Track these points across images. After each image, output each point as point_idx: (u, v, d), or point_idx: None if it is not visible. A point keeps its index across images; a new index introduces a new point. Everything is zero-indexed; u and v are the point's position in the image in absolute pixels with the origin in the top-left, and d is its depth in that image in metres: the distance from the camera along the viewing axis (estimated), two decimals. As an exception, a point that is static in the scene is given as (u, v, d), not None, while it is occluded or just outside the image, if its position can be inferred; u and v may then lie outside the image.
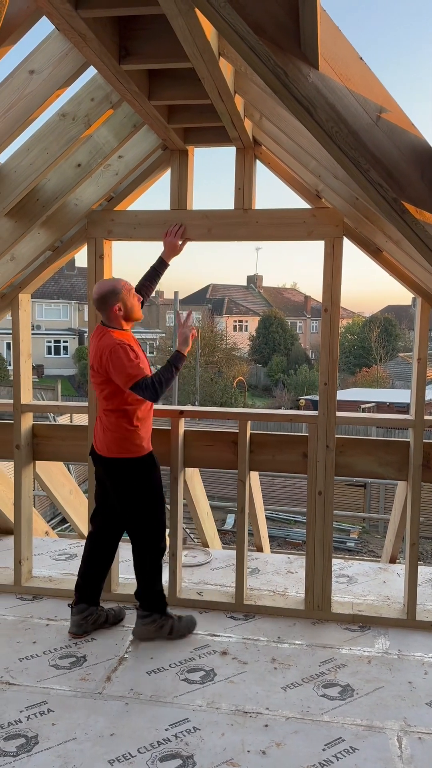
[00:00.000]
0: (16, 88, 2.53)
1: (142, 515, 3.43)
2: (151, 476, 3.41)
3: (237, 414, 3.90)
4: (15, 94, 2.53)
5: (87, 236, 3.73)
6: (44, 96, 2.51)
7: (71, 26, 2.12)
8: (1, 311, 3.93)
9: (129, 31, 2.43)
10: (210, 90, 2.69)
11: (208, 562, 4.60)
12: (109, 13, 2.06)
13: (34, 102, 2.52)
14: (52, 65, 2.50)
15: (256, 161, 3.68)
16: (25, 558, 4.07)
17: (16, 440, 3.97)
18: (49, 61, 2.50)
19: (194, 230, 3.65)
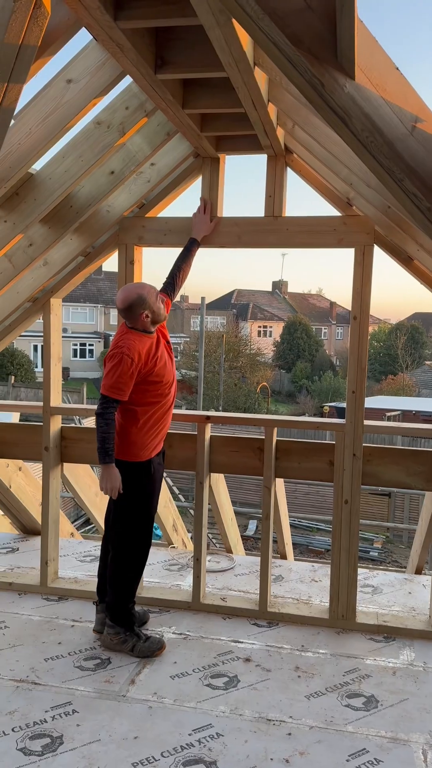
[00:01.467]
0: (54, 97, 2.57)
1: (124, 522, 3.36)
2: (141, 485, 3.30)
3: (263, 420, 3.90)
4: (52, 103, 2.58)
5: (118, 242, 3.78)
6: (81, 105, 2.56)
7: (110, 37, 2.16)
8: (32, 315, 3.99)
9: (165, 40, 2.47)
10: (244, 99, 2.71)
11: (232, 568, 4.61)
12: (147, 24, 2.09)
13: (70, 111, 2.57)
14: (89, 74, 2.54)
15: (287, 169, 3.69)
16: (52, 559, 4.12)
17: (45, 442, 4.02)
18: (86, 70, 2.54)
19: (224, 237, 3.67)
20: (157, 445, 3.39)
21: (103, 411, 3.12)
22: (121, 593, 3.40)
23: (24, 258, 3.46)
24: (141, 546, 3.42)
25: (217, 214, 3.70)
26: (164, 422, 3.40)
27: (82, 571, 4.47)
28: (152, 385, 3.23)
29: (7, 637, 3.56)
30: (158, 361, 3.25)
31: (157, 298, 3.24)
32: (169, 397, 3.37)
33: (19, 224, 3.10)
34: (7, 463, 4.53)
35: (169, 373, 3.34)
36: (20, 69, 1.98)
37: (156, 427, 3.33)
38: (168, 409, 3.39)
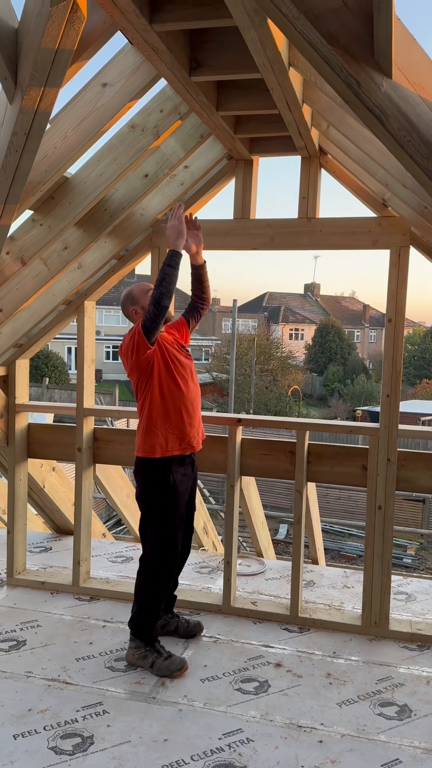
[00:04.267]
0: (89, 101, 2.60)
1: (144, 525, 3.28)
2: (157, 488, 3.20)
3: (295, 423, 3.87)
4: (88, 107, 2.60)
5: (151, 245, 3.79)
6: (116, 108, 2.57)
7: (145, 40, 2.17)
8: (67, 318, 4.03)
9: (199, 43, 2.47)
10: (278, 100, 2.70)
11: (263, 572, 4.58)
12: (182, 27, 2.09)
13: (105, 114, 2.58)
14: (124, 78, 2.55)
15: (321, 170, 3.66)
16: (84, 559, 4.15)
17: (78, 443, 4.05)
18: (121, 74, 2.55)
19: (257, 239, 3.66)
20: (172, 444, 3.19)
21: (151, 307, 3.00)
22: (143, 608, 3.28)
23: (59, 261, 3.49)
24: (162, 561, 3.26)
25: (250, 216, 3.69)
26: (180, 420, 3.19)
27: (114, 571, 4.49)
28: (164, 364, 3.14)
29: (39, 636, 3.59)
30: (164, 344, 3.18)
31: (148, 296, 3.17)
32: (183, 394, 3.20)
33: (55, 227, 3.13)
34: (41, 464, 4.58)
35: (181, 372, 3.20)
36: (56, 73, 2.00)
37: (169, 423, 3.17)
38: (183, 407, 3.20)
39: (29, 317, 3.89)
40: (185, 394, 3.23)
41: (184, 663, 3.26)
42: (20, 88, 2.04)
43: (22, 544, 4.31)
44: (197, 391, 3.36)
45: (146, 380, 3.15)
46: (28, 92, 2.02)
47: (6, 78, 2.02)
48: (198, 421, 3.33)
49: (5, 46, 1.99)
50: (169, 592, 3.52)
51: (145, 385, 3.17)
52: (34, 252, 3.18)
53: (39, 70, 1.97)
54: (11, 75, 2.05)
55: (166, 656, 3.26)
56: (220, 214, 3.75)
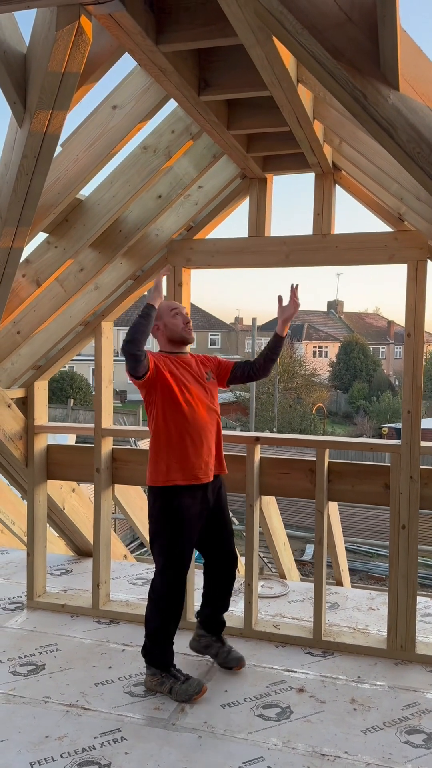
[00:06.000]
0: (99, 124, 2.62)
1: (152, 549, 3.25)
2: (160, 515, 3.14)
3: (315, 441, 3.81)
4: (98, 129, 2.62)
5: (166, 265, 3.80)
6: (126, 130, 2.59)
7: (152, 61, 2.18)
8: (84, 339, 4.04)
9: (207, 62, 2.48)
10: (289, 117, 2.70)
11: (285, 594, 4.50)
12: (188, 47, 2.10)
13: (116, 136, 2.60)
14: (134, 99, 2.57)
15: (336, 186, 3.64)
16: (103, 581, 4.11)
17: (96, 464, 4.04)
18: (131, 95, 2.58)
19: (271, 257, 3.64)
20: (175, 474, 3.10)
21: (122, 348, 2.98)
22: (154, 634, 3.22)
23: (75, 283, 3.52)
24: (169, 586, 3.19)
25: (264, 234, 3.68)
26: (183, 449, 3.11)
27: (134, 594, 4.45)
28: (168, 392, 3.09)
29: (58, 660, 3.56)
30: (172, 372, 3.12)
31: (172, 314, 3.18)
32: (188, 423, 3.12)
33: (69, 250, 3.15)
34: (61, 485, 4.58)
35: (189, 391, 3.14)
36: (64, 96, 2.02)
37: (171, 450, 3.10)
38: (188, 435, 3.12)
39: (47, 339, 3.91)
40: (190, 423, 3.12)
41: (202, 686, 3.19)
42: (29, 112, 2.06)
43: (42, 566, 4.29)
44: (210, 420, 3.20)
45: (151, 402, 3.14)
46: (37, 115, 2.04)
47: (15, 102, 2.05)
48: (207, 452, 3.17)
49: (14, 71, 2.01)
50: (217, 615, 3.48)
51: (150, 408, 3.16)
52: (50, 274, 3.21)
53: (46, 94, 1.99)
54: (20, 99, 2.07)
55: (183, 680, 3.19)
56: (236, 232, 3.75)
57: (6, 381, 4.02)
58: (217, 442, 3.31)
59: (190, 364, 3.26)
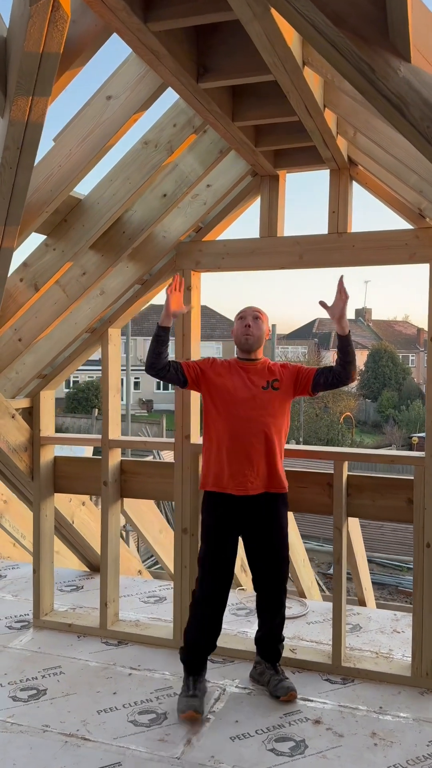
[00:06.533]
0: (93, 116, 2.46)
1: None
2: (203, 515, 3.25)
3: (331, 453, 3.59)
4: (92, 122, 2.46)
5: (175, 268, 3.63)
6: (121, 121, 2.43)
7: (142, 43, 2.01)
8: (91, 346, 3.89)
9: (206, 47, 2.31)
10: (296, 105, 2.51)
11: (304, 615, 4.26)
12: (179, 24, 1.93)
13: (110, 128, 2.44)
14: (129, 89, 2.41)
15: (353, 182, 3.43)
16: (111, 600, 3.93)
17: (103, 476, 3.87)
18: (126, 85, 2.42)
19: (284, 257, 3.45)
20: (212, 480, 3.14)
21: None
22: (185, 635, 3.26)
23: (78, 287, 3.37)
24: (199, 593, 3.20)
25: (277, 234, 3.49)
26: (218, 458, 3.12)
27: (145, 613, 4.25)
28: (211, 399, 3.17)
29: (61, 684, 3.38)
30: (221, 378, 3.16)
31: (238, 318, 3.21)
32: (225, 433, 3.12)
33: (68, 252, 3.00)
34: (70, 498, 4.42)
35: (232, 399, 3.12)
36: (44, 80, 1.86)
37: (209, 456, 3.17)
38: (224, 445, 3.10)
39: (52, 346, 3.77)
40: (227, 431, 3.11)
41: (187, 711, 3.01)
42: (9, 100, 1.90)
43: (49, 583, 4.12)
44: (254, 431, 3.10)
45: (204, 404, 3.22)
46: (16, 102, 1.89)
47: (-6, 90, 1.89)
48: (245, 464, 3.09)
49: (-8, 56, 1.86)
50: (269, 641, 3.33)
51: (204, 409, 3.23)
52: (48, 278, 3.06)
53: (25, 78, 1.83)
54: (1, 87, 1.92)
55: (186, 693, 3.12)
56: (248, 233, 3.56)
57: (11, 390, 3.89)
58: (268, 455, 3.13)
59: (249, 372, 3.17)
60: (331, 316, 3.06)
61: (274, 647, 3.33)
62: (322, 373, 3.15)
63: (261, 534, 3.23)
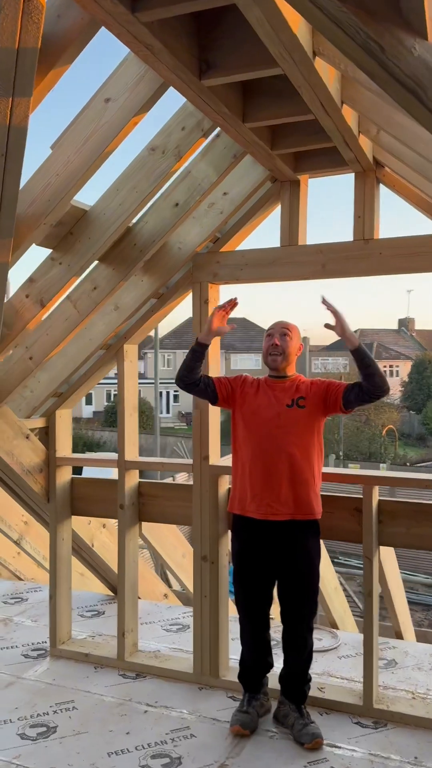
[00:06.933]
0: (91, 120, 2.31)
1: None
2: (231, 536, 3.17)
3: (359, 477, 3.33)
4: (90, 127, 2.31)
5: (192, 281, 3.45)
6: (121, 124, 2.27)
7: (134, 36, 1.85)
8: (108, 363, 3.73)
9: (209, 41, 2.13)
10: (310, 101, 2.30)
11: (335, 648, 3.98)
12: (171, 12, 1.75)
13: (109, 133, 2.29)
14: (128, 90, 2.25)
15: (380, 185, 3.20)
16: (129, 630, 3.74)
17: (120, 499, 3.70)
18: (125, 86, 2.26)
19: (306, 267, 3.23)
20: (239, 503, 3.04)
21: None
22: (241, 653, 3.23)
23: (89, 302, 3.22)
24: (241, 620, 3.16)
25: (298, 242, 3.28)
26: (243, 479, 3.01)
27: (166, 642, 4.05)
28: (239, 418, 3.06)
29: (72, 721, 3.19)
30: (248, 397, 3.05)
31: (266, 335, 3.08)
32: (247, 449, 3.00)
33: (74, 266, 2.85)
34: (89, 520, 4.26)
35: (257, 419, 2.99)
36: (23, 78, 1.70)
37: (236, 476, 3.08)
38: (249, 466, 2.98)
39: (66, 364, 3.63)
40: (250, 452, 2.98)
41: (235, 725, 3.03)
42: (-11, 102, 1.75)
43: (66, 610, 3.96)
44: (277, 452, 2.92)
45: (233, 422, 3.10)
46: (-5, 105, 1.73)
47: (-26, 92, 1.75)
48: (266, 487, 2.93)
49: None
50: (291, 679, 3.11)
51: (232, 427, 3.11)
52: (55, 293, 2.92)
53: (2, 77, 1.68)
54: (-18, 90, 1.77)
55: (239, 709, 3.12)
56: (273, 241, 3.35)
57: (25, 410, 3.76)
58: (294, 478, 2.93)
59: (276, 389, 3.02)
60: (338, 334, 2.88)
61: (299, 688, 3.09)
62: (352, 389, 2.93)
63: (287, 564, 3.02)
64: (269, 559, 3.02)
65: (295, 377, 3.06)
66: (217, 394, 3.07)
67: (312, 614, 3.07)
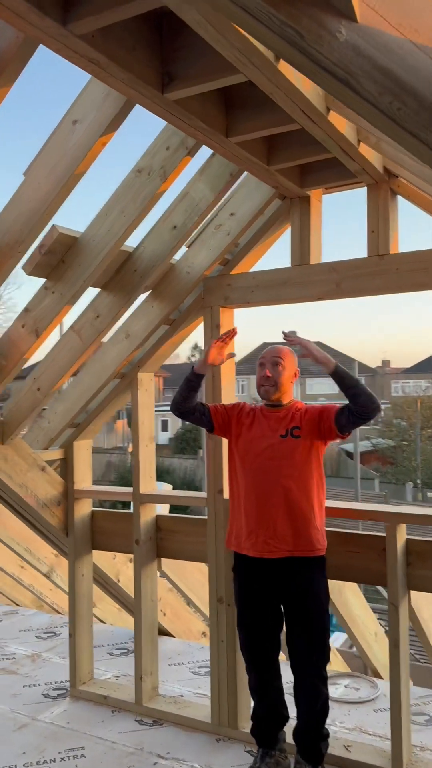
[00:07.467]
0: (61, 143, 2.24)
1: None
2: (233, 577, 2.93)
3: (381, 514, 3.04)
4: (59, 150, 2.24)
5: (203, 305, 3.31)
6: (88, 145, 2.18)
7: (72, 50, 1.75)
8: (123, 392, 3.63)
9: (171, 52, 2.01)
10: (290, 109, 2.13)
11: (372, 699, 3.64)
12: (103, 21, 1.64)
13: (78, 154, 2.20)
14: (95, 109, 2.17)
15: (396, 197, 2.96)
16: (148, 673, 3.56)
17: (135, 534, 3.55)
18: (91, 105, 2.17)
19: (319, 287, 3.02)
20: (235, 539, 2.85)
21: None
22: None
23: (92, 331, 3.14)
24: (246, 665, 2.93)
25: (310, 261, 3.07)
26: (237, 514, 2.83)
27: (191, 686, 3.84)
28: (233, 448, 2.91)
29: (78, 770, 3.04)
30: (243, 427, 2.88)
31: (258, 364, 2.89)
32: (241, 483, 2.82)
33: (66, 294, 2.77)
34: (114, 555, 4.14)
35: (250, 450, 2.81)
36: None
37: (232, 511, 2.90)
38: (244, 500, 2.79)
39: (81, 393, 3.55)
40: (244, 485, 2.81)
41: None
42: None
43: (87, 649, 3.83)
44: (272, 485, 2.73)
45: (229, 453, 2.98)
46: None
47: None
48: (261, 522, 2.73)
49: None
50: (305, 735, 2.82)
51: (228, 458, 3.00)
52: (49, 322, 2.84)
53: None
54: None
55: (252, 765, 2.90)
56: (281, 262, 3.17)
57: (43, 441, 3.71)
58: (291, 513, 2.71)
59: (271, 419, 2.84)
60: (313, 362, 2.71)
61: (313, 745, 2.81)
62: (342, 412, 2.69)
63: (290, 605, 2.80)
64: (271, 600, 2.79)
65: (291, 405, 2.84)
66: (213, 422, 2.93)
67: (323, 660, 2.78)
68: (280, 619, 2.85)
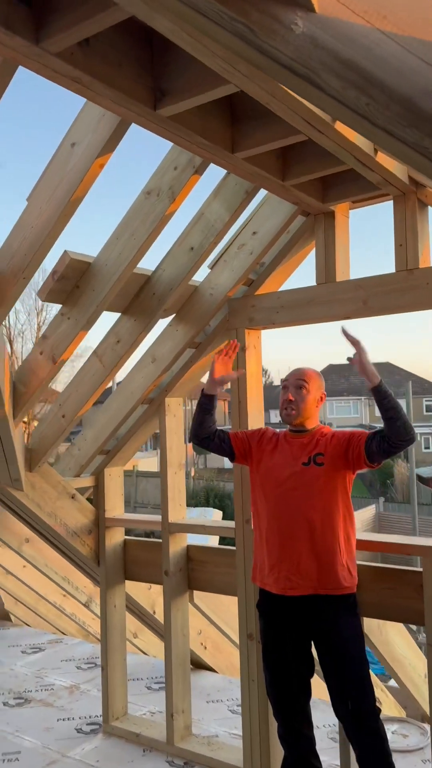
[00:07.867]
0: (60, 167, 2.20)
1: None
2: (258, 614, 2.73)
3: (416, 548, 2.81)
4: (58, 174, 2.21)
5: (228, 327, 3.21)
6: (85, 168, 2.13)
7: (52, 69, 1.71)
8: (152, 417, 3.56)
9: (162, 67, 1.94)
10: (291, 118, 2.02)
11: (421, 748, 3.36)
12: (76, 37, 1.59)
13: (76, 177, 2.16)
14: (91, 131, 2.12)
15: (426, 208, 2.79)
16: (180, 711, 3.42)
17: (164, 565, 3.45)
18: (88, 127, 2.13)
19: (346, 305, 2.86)
20: (259, 570, 2.68)
21: None
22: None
23: (113, 356, 3.09)
24: (270, 700, 2.71)
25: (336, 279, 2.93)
26: (260, 547, 2.66)
27: (228, 726, 3.66)
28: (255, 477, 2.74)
29: None
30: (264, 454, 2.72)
31: (282, 388, 2.74)
32: (263, 515, 2.66)
33: (81, 319, 2.74)
34: (150, 586, 4.04)
35: (272, 479, 2.65)
36: None
37: (256, 541, 2.71)
38: (267, 533, 2.63)
39: (109, 420, 3.51)
40: (266, 517, 2.65)
41: None
42: None
43: (121, 683, 3.73)
44: (295, 518, 2.55)
45: (252, 482, 2.80)
46: None
47: None
48: (283, 557, 2.56)
49: None
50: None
51: (251, 487, 2.81)
52: (65, 348, 2.81)
53: None
54: None
55: None
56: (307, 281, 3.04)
57: (74, 469, 3.68)
58: (316, 547, 2.53)
59: (294, 445, 2.68)
60: (357, 370, 2.46)
61: None
62: (373, 438, 2.48)
63: (319, 647, 2.60)
64: (297, 640, 2.60)
65: (317, 430, 2.67)
66: (233, 449, 2.80)
67: (365, 697, 2.50)
68: (309, 663, 2.66)
